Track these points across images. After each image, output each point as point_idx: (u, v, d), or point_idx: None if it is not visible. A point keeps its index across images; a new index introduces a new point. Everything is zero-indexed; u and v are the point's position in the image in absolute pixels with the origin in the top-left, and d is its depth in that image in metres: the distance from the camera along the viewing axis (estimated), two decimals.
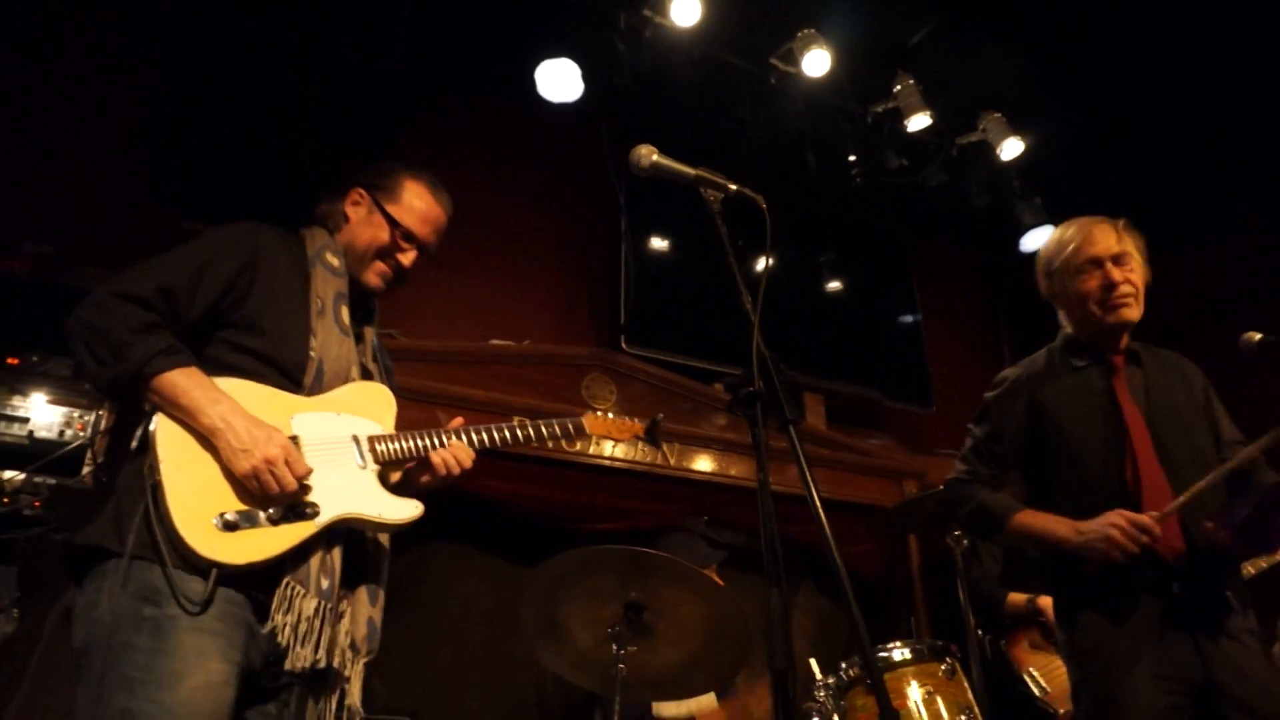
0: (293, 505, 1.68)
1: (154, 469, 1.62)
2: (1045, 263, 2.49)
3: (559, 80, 4.37)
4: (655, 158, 1.79)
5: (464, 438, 1.98)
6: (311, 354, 1.84)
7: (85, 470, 2.85)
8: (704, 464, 4.28)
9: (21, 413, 2.82)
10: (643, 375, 4.28)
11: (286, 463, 1.67)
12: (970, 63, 4.87)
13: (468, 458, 1.96)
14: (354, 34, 4.41)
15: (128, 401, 1.69)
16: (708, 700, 3.29)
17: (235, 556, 1.59)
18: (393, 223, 2.06)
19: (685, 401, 4.37)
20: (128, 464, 1.72)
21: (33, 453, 2.77)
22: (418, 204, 2.10)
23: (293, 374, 1.82)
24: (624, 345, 4.42)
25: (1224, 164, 5.25)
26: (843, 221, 5.54)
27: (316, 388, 1.84)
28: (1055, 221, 5.19)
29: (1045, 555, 2.34)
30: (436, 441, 1.94)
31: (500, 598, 3.82)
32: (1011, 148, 5.03)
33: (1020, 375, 2.44)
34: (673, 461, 4.19)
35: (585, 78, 4.37)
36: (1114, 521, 2.06)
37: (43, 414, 2.84)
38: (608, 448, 4.06)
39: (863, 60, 4.79)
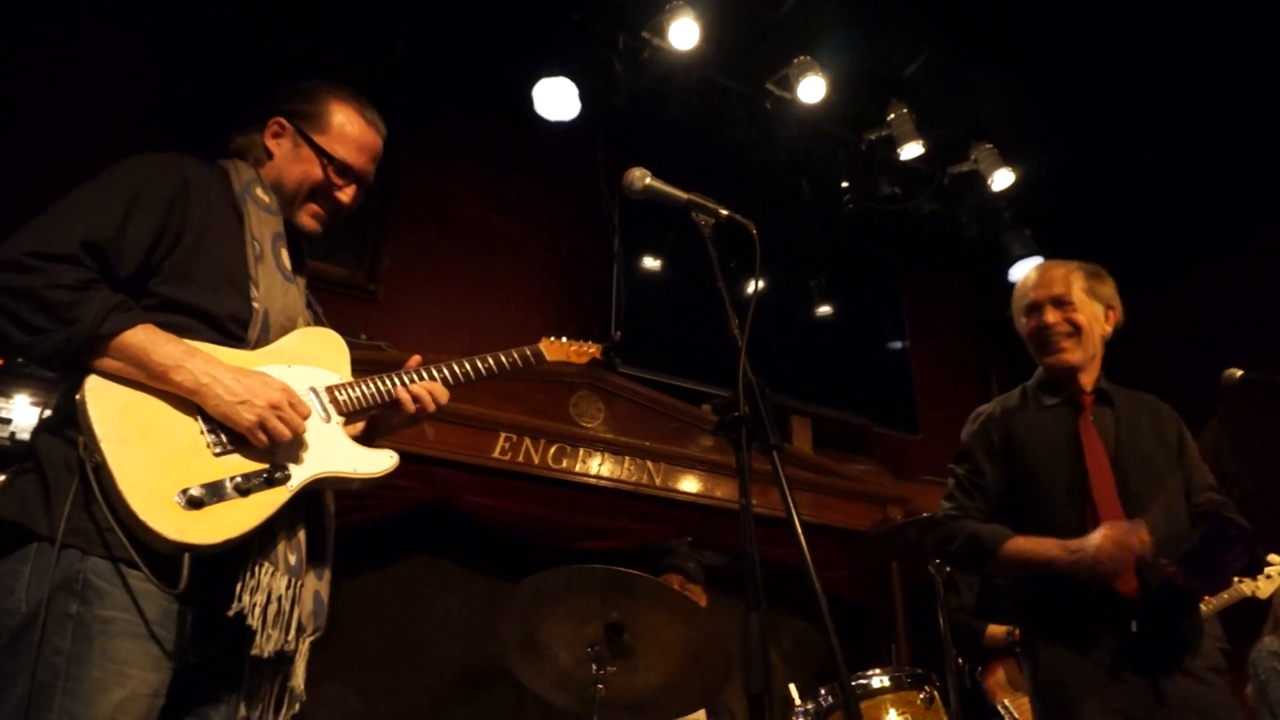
0: (260, 471, 1.49)
1: (93, 448, 1.39)
2: (1013, 303, 2.54)
3: (556, 99, 4.40)
4: (648, 181, 1.80)
5: (426, 375, 1.81)
6: (255, 305, 1.62)
7: None
8: (690, 485, 4.27)
9: (4, 414, 2.80)
10: (631, 394, 4.28)
11: (291, 405, 1.52)
12: (963, 93, 4.93)
13: (443, 394, 1.79)
14: (352, 46, 4.43)
15: (68, 370, 1.46)
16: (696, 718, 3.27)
17: (207, 535, 1.39)
18: (325, 157, 1.79)
19: (673, 422, 4.37)
20: (49, 435, 1.49)
21: (15, 454, 2.74)
22: (350, 130, 1.82)
23: (231, 329, 1.60)
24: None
25: (1215, 199, 5.32)
26: (834, 246, 5.58)
27: (263, 342, 1.64)
28: (1044, 253, 5.28)
29: (1015, 586, 2.35)
30: (398, 381, 1.76)
31: (481, 614, 3.79)
32: (1002, 178, 5.08)
33: (995, 411, 2.46)
34: (658, 482, 4.19)
35: (582, 97, 4.40)
36: (1098, 539, 2.08)
37: (26, 415, 2.82)
38: (594, 466, 4.06)
39: (857, 88, 4.85)
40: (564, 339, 2.16)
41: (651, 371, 4.49)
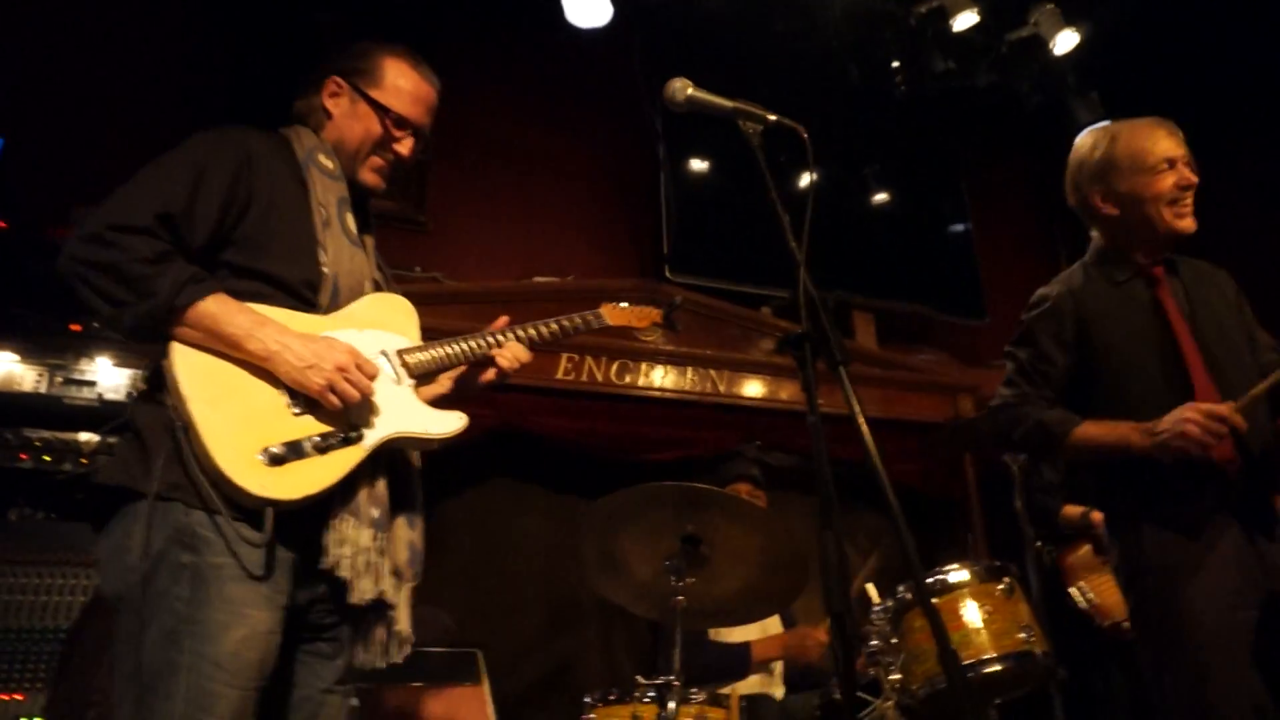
0: (337, 431, 1.57)
1: (180, 408, 1.48)
2: (1103, 161, 2.30)
3: (587, 4, 4.24)
4: (690, 92, 1.72)
5: (506, 337, 1.92)
6: (324, 270, 1.69)
7: None
8: (754, 389, 4.26)
9: (90, 376, 2.89)
10: (688, 303, 4.22)
11: (358, 367, 1.58)
12: None
13: (525, 355, 1.92)
14: None
15: (152, 340, 1.54)
16: (772, 623, 3.34)
17: (289, 491, 1.48)
18: (382, 110, 1.85)
19: (733, 327, 4.33)
20: (143, 402, 1.60)
21: (105, 414, 2.84)
22: (404, 84, 1.87)
23: (304, 294, 1.67)
24: (668, 274, 4.38)
25: None
26: (887, 131, 5.34)
27: (334, 306, 1.70)
28: (1114, 117, 4.96)
29: (1100, 468, 2.28)
30: (475, 345, 1.86)
31: (559, 532, 3.90)
32: (1065, 40, 4.77)
33: (1063, 293, 2.32)
34: (722, 389, 4.18)
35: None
36: (1188, 416, 1.97)
37: (109, 376, 2.91)
38: (657, 378, 4.07)
39: None
40: (625, 304, 2.21)
41: (707, 278, 4.43)
